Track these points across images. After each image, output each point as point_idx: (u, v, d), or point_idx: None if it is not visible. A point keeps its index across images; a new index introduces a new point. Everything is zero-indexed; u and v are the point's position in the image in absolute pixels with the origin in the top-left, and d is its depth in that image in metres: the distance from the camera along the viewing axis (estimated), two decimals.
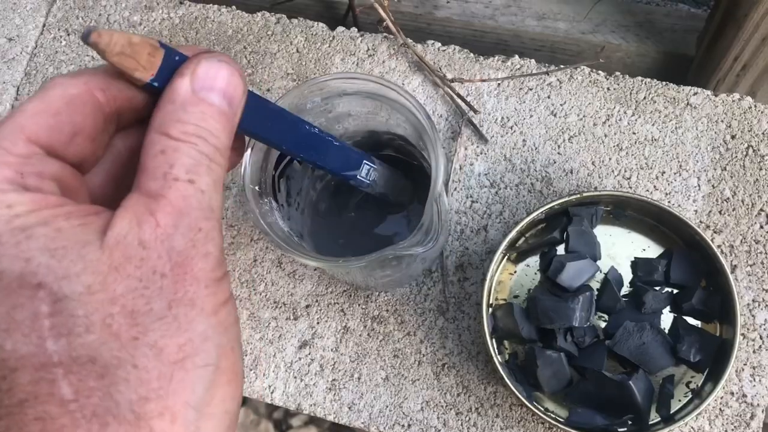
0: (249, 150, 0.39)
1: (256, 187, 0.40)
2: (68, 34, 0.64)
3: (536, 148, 0.54)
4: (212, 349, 0.22)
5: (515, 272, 0.50)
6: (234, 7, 0.63)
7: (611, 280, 0.47)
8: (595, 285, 0.48)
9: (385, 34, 0.59)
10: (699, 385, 0.45)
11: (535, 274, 0.49)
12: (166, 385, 0.21)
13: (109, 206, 0.23)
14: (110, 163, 0.27)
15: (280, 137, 0.32)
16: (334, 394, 0.51)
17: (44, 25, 0.65)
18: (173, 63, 0.25)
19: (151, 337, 0.21)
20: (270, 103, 0.31)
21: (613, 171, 0.53)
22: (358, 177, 0.40)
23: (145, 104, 0.26)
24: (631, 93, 0.55)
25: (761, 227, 0.50)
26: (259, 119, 0.30)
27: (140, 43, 0.24)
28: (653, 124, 0.54)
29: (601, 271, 0.48)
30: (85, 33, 0.23)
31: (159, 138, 0.23)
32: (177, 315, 0.22)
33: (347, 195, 0.49)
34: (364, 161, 0.40)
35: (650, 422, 0.44)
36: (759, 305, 0.49)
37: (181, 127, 0.23)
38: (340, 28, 0.60)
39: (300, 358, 0.52)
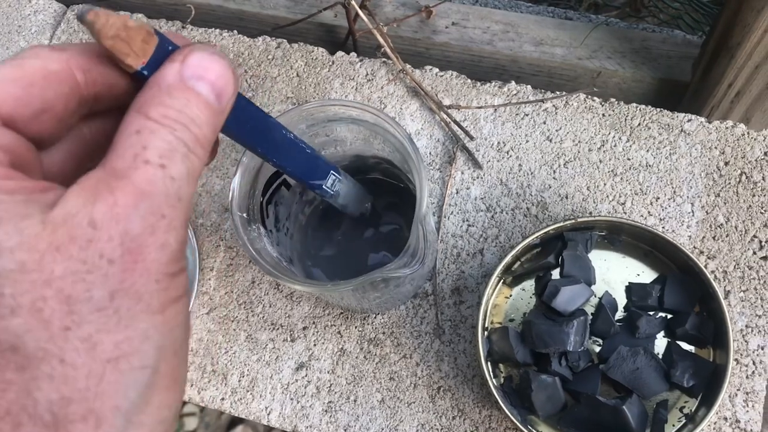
0: (237, 177, 0.39)
1: (244, 214, 0.40)
2: None
3: (532, 173, 0.55)
4: (152, 351, 0.20)
5: (511, 296, 0.50)
6: (236, 31, 0.64)
7: (606, 305, 0.47)
8: (590, 309, 0.48)
9: (383, 59, 0.60)
10: (692, 410, 0.46)
11: (531, 297, 0.50)
12: (95, 386, 0.19)
13: (66, 186, 0.21)
14: (74, 143, 0.25)
15: (256, 139, 0.32)
16: (330, 416, 0.51)
17: None
18: (166, 53, 0.24)
19: (86, 330, 0.19)
20: (251, 103, 0.30)
21: (608, 196, 0.53)
22: (323, 187, 0.40)
23: (125, 93, 0.24)
24: (626, 119, 0.55)
25: (754, 253, 0.51)
26: (239, 119, 0.29)
27: (136, 29, 0.23)
28: (648, 150, 0.54)
29: (595, 296, 0.48)
30: (81, 12, 0.22)
31: (137, 118, 0.21)
32: (119, 308, 0.19)
33: (335, 219, 0.50)
34: (331, 171, 0.40)
35: None
36: (752, 331, 0.49)
37: (162, 110, 0.22)
38: (340, 53, 0.61)
39: (297, 380, 0.52)
